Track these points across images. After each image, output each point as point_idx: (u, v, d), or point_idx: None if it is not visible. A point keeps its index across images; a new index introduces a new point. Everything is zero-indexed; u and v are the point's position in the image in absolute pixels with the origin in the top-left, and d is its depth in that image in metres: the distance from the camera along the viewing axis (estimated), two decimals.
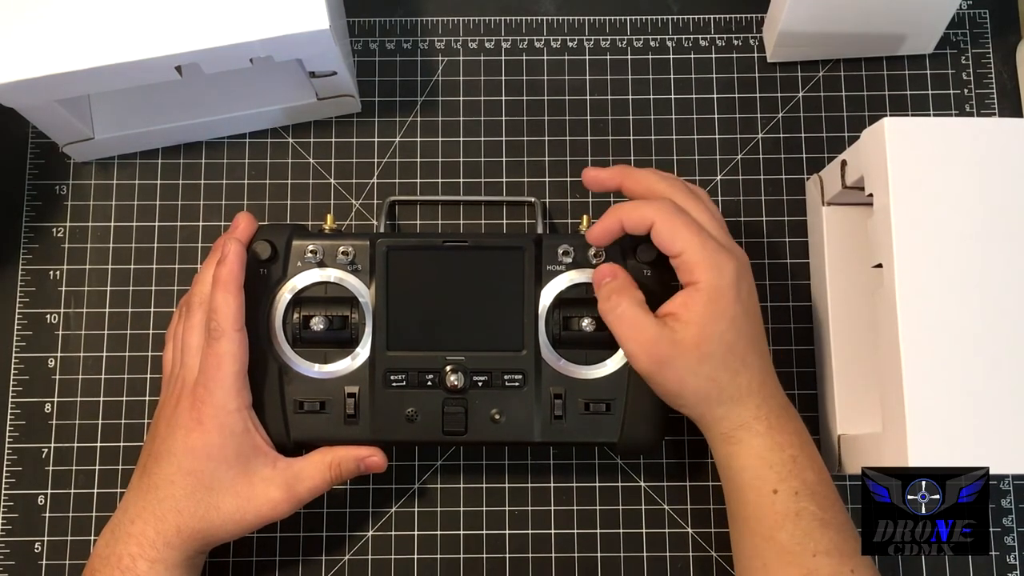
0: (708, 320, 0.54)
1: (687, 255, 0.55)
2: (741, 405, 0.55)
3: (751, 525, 0.55)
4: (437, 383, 0.59)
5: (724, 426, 0.55)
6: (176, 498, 0.55)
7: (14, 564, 0.63)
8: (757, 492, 0.55)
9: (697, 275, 0.54)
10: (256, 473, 0.57)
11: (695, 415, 0.57)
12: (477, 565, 0.64)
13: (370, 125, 0.69)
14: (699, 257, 0.54)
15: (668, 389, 0.55)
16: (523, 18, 0.71)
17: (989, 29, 0.71)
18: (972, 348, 0.53)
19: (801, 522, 0.54)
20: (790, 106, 0.70)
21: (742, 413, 0.55)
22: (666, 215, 0.55)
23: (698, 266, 0.54)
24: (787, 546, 0.54)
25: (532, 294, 0.60)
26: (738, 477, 0.56)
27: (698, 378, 0.54)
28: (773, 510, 0.54)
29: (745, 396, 0.55)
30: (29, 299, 0.67)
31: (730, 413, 0.55)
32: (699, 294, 0.54)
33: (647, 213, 0.55)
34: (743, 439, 0.55)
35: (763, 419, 0.55)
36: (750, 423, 0.55)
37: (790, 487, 0.54)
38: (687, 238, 0.55)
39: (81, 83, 0.58)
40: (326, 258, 0.60)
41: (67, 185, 0.68)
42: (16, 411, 0.65)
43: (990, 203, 0.54)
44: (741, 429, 0.55)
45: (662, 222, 0.55)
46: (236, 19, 0.57)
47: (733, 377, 0.55)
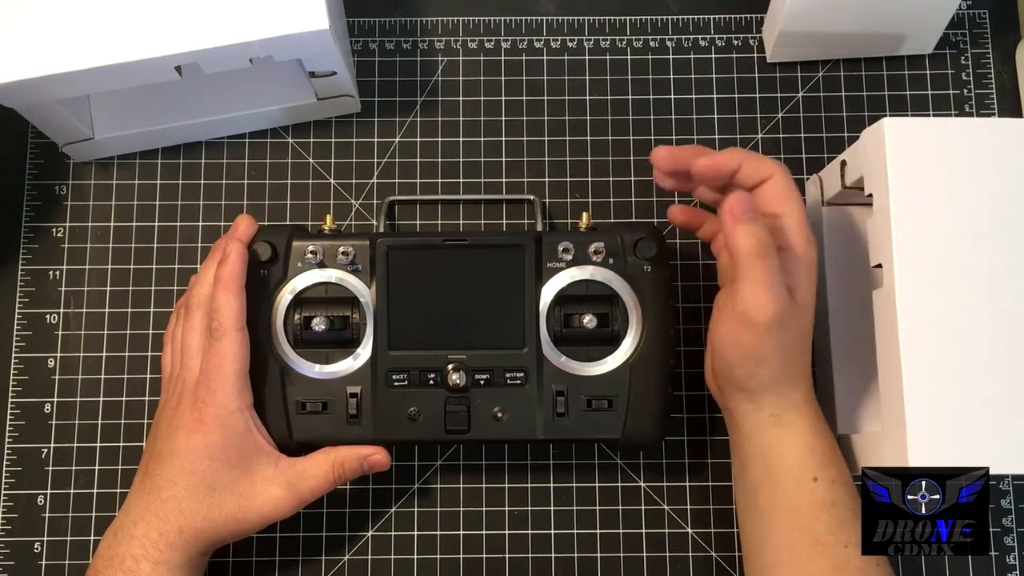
0: (809, 290, 0.55)
1: (792, 218, 0.55)
2: (798, 384, 0.55)
3: (785, 515, 0.55)
4: (439, 382, 0.59)
5: (778, 405, 0.55)
6: (179, 499, 0.55)
7: (14, 564, 0.63)
8: (797, 480, 0.55)
9: (794, 241, 0.54)
10: (258, 472, 0.57)
11: (758, 387, 0.55)
12: (477, 565, 0.64)
13: (370, 125, 0.70)
14: (800, 224, 0.55)
15: (764, 353, 0.54)
16: (523, 18, 0.71)
17: (989, 29, 0.71)
18: (972, 348, 0.53)
19: (836, 512, 0.54)
20: (790, 106, 0.70)
21: (796, 394, 0.55)
22: (787, 175, 0.56)
23: (797, 232, 0.55)
24: (821, 536, 0.54)
25: (533, 292, 0.60)
26: (778, 464, 0.55)
27: (790, 346, 0.54)
28: (812, 499, 0.54)
29: (803, 376, 0.56)
30: (29, 299, 0.67)
31: (789, 391, 0.55)
32: (798, 262, 0.54)
33: (770, 165, 0.56)
34: (793, 422, 0.55)
35: (811, 403, 0.56)
36: (801, 406, 0.55)
37: (828, 475, 0.54)
38: (797, 202, 0.55)
39: (81, 83, 0.58)
40: (326, 258, 0.60)
41: (67, 185, 0.68)
42: (16, 411, 0.65)
43: (990, 203, 0.54)
44: (793, 411, 0.55)
45: (782, 177, 0.55)
46: (236, 19, 0.57)
47: (803, 354, 0.55)
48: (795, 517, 0.55)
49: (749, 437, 0.57)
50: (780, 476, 0.55)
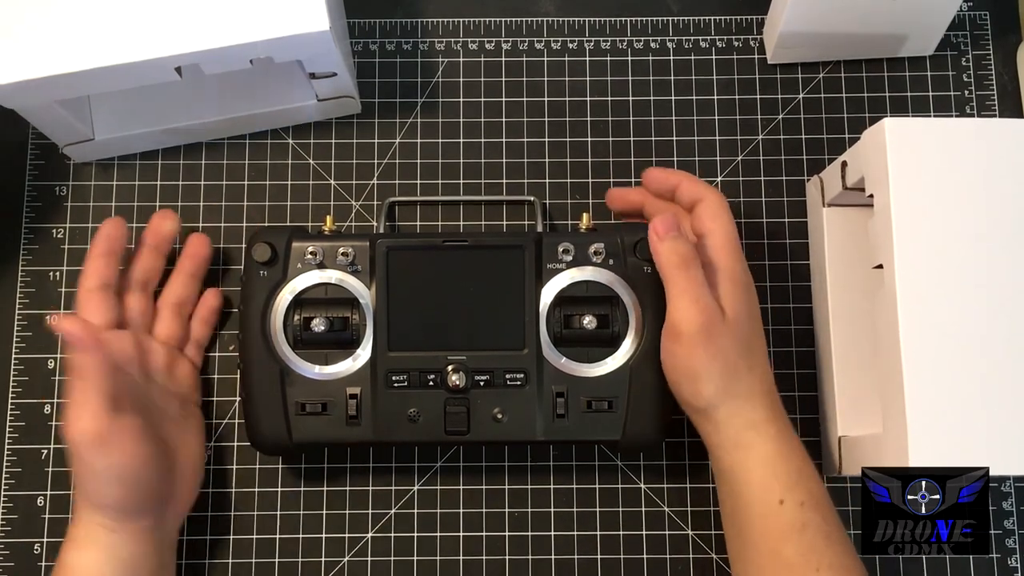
0: (739, 302, 0.56)
1: (717, 236, 0.57)
2: (752, 403, 0.55)
3: (754, 539, 0.54)
4: (439, 383, 0.59)
5: (734, 425, 0.55)
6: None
7: (14, 565, 0.63)
8: (763, 503, 0.54)
9: (722, 258, 0.56)
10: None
11: (709, 408, 0.55)
12: (477, 567, 0.63)
13: (370, 126, 0.69)
14: (725, 241, 0.57)
15: (698, 367, 0.55)
16: (523, 19, 0.71)
17: (990, 31, 0.71)
18: (973, 348, 0.53)
19: (806, 535, 0.53)
20: (790, 107, 0.70)
21: (753, 412, 0.55)
22: (718, 198, 0.59)
23: (722, 249, 0.57)
24: (792, 560, 0.53)
25: (533, 293, 0.60)
26: (743, 488, 0.55)
27: (724, 360, 0.54)
28: (779, 522, 0.54)
29: (757, 394, 0.55)
30: (29, 300, 0.67)
31: (742, 409, 0.55)
32: (723, 276, 0.56)
33: (703, 189, 0.59)
34: (752, 443, 0.55)
35: (772, 422, 0.55)
36: (760, 424, 0.55)
37: (796, 498, 0.54)
38: (724, 222, 0.58)
39: (81, 84, 0.58)
40: (326, 259, 0.60)
41: (67, 186, 0.68)
42: (15, 412, 0.65)
43: (991, 204, 0.54)
44: (751, 430, 0.55)
45: (712, 199, 0.59)
46: (236, 20, 0.57)
47: (749, 370, 0.55)
48: (765, 541, 0.54)
49: (715, 460, 0.57)
50: (747, 501, 0.55)
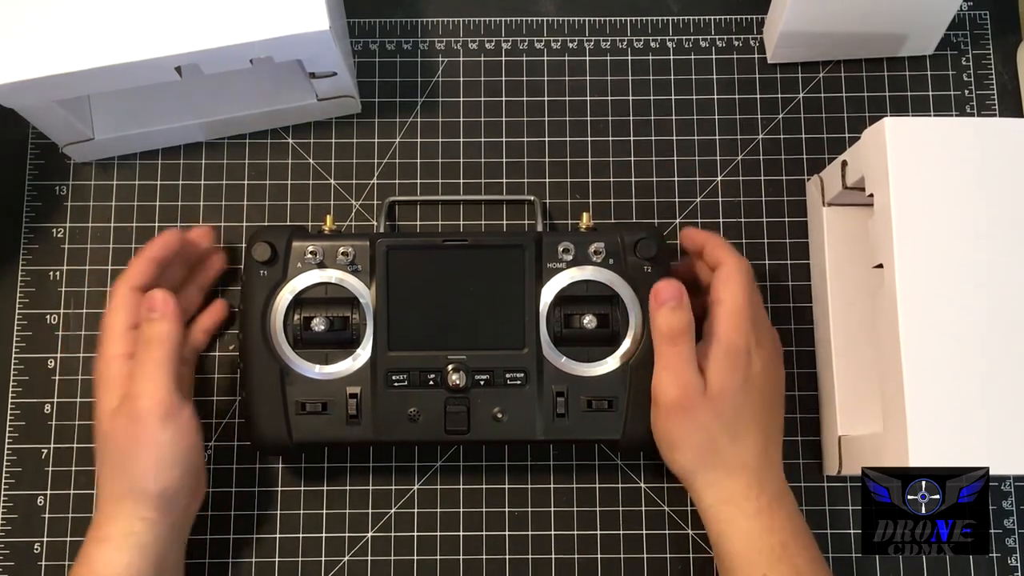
0: (725, 375, 0.55)
1: (725, 306, 0.56)
2: (733, 477, 0.55)
3: None
4: (439, 382, 0.59)
5: (712, 496, 0.55)
6: None
7: (14, 565, 0.63)
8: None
9: (723, 329, 0.56)
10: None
11: (685, 474, 0.57)
12: (477, 566, 0.63)
13: (370, 126, 0.69)
14: (732, 313, 0.56)
15: (673, 437, 0.56)
16: (523, 19, 0.71)
17: (990, 30, 0.71)
18: (973, 348, 0.53)
19: None
20: (790, 107, 0.70)
21: (732, 486, 0.55)
22: (737, 265, 0.58)
23: (726, 321, 0.56)
24: None
25: (533, 292, 0.60)
26: (728, 559, 0.55)
27: (703, 433, 0.55)
28: None
29: (739, 469, 0.55)
30: (29, 300, 0.67)
31: (720, 482, 0.55)
32: (719, 347, 0.55)
33: (725, 253, 0.59)
34: (732, 518, 0.55)
35: (753, 499, 0.55)
36: (738, 500, 0.55)
37: (779, 573, 0.54)
38: (735, 292, 0.56)
39: (81, 83, 0.58)
40: (326, 259, 0.60)
41: (67, 186, 0.68)
42: (16, 412, 0.65)
43: (991, 203, 0.54)
44: (730, 505, 0.55)
45: (730, 266, 0.57)
46: (236, 20, 0.57)
47: (731, 442, 0.55)
48: None
49: (705, 521, 0.57)
50: (732, 570, 0.55)
